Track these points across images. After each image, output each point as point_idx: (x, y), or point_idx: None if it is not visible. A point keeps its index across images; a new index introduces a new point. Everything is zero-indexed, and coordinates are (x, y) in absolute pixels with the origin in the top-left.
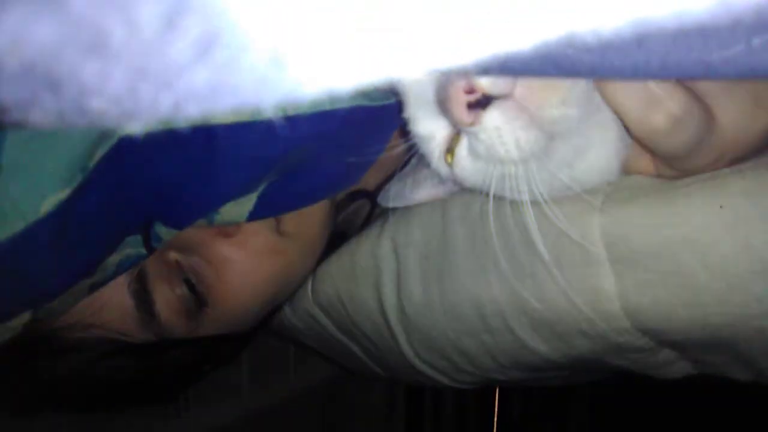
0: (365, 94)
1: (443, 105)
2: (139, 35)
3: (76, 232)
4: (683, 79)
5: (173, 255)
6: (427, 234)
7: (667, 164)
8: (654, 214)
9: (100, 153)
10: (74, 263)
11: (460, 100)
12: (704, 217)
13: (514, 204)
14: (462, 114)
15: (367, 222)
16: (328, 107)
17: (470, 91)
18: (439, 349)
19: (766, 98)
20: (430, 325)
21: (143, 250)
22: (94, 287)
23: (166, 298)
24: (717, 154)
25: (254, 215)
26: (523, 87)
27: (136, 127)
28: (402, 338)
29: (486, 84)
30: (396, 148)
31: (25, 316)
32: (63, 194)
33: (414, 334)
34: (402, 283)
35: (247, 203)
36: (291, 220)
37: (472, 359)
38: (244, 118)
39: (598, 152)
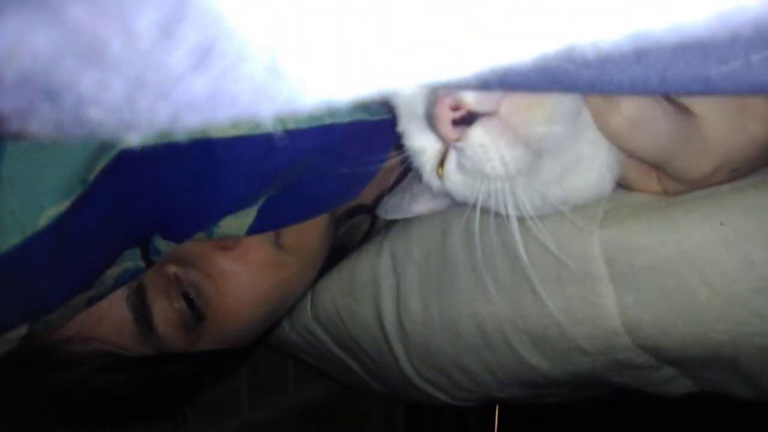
0: (364, 107)
1: (431, 120)
2: (137, 44)
3: (75, 245)
4: (682, 94)
5: (172, 268)
6: (426, 250)
7: (671, 178)
8: (654, 230)
9: (100, 165)
10: (73, 276)
11: (445, 116)
12: (704, 234)
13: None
14: (447, 130)
15: (368, 236)
16: (327, 121)
17: (456, 107)
18: (439, 366)
19: (754, 107)
20: (429, 341)
21: (142, 263)
22: (92, 300)
23: (165, 311)
24: (713, 162)
25: (254, 229)
26: (508, 104)
27: (134, 138)
28: (401, 354)
29: (471, 101)
30: (391, 160)
31: (23, 329)
32: (62, 206)
33: (413, 350)
34: (401, 298)
35: (246, 217)
36: (291, 233)
37: (471, 376)
38: (243, 131)
39: (588, 167)
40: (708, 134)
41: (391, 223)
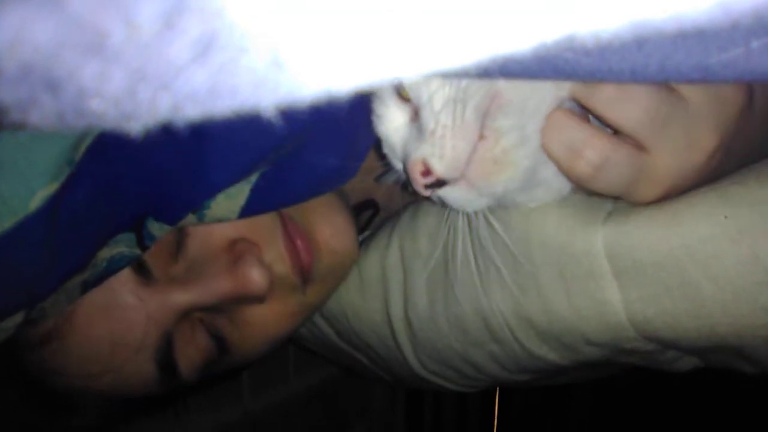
0: None
1: (407, 175)
2: (138, 36)
3: (66, 226)
4: (682, 82)
5: (198, 315)
6: (433, 244)
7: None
8: (657, 225)
9: (84, 145)
10: (65, 258)
11: (418, 181)
12: (708, 228)
13: (516, 216)
14: (421, 190)
15: (367, 227)
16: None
17: (426, 173)
18: (446, 360)
19: (698, 141)
20: (435, 337)
21: (137, 250)
22: (86, 285)
23: (191, 359)
24: (661, 189)
25: (247, 210)
26: (472, 171)
27: (135, 128)
28: (408, 350)
29: (439, 170)
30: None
31: (18, 317)
32: (52, 188)
33: (420, 346)
34: (408, 294)
35: (239, 196)
36: (321, 268)
37: (479, 368)
38: None
39: (550, 183)
40: (657, 170)
41: (400, 216)
